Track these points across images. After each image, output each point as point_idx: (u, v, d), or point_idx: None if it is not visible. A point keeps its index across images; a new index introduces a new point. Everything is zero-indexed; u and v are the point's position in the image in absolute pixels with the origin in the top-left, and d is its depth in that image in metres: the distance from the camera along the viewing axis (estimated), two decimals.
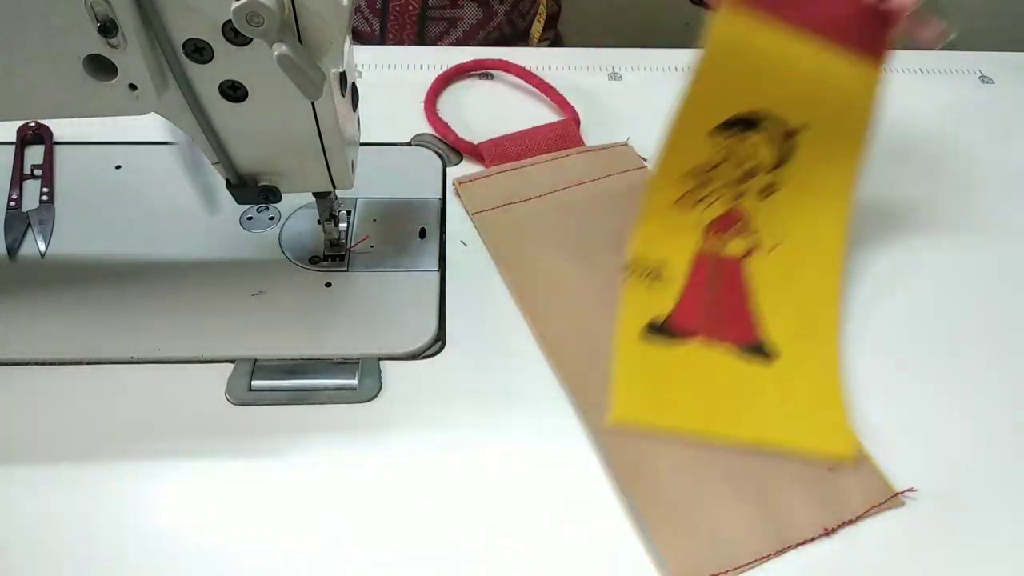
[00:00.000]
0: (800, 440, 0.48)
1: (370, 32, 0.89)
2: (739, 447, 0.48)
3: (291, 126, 0.47)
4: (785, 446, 0.48)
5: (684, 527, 0.44)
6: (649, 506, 0.45)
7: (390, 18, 0.87)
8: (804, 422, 0.49)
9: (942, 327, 0.56)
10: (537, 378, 0.52)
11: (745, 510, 0.45)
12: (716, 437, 0.48)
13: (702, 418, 0.49)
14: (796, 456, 0.47)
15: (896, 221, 0.64)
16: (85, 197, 0.61)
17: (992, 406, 0.52)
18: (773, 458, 0.47)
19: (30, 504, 0.45)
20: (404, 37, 0.89)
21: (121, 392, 0.50)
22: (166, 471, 0.46)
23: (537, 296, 0.55)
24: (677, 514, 0.45)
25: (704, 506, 0.45)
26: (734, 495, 0.46)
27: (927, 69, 0.79)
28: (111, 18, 0.39)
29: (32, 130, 0.65)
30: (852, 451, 0.47)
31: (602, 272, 0.56)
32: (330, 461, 0.47)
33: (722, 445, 0.48)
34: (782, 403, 0.50)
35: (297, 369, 0.51)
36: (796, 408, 0.50)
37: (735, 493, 0.46)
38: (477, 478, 0.47)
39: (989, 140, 0.70)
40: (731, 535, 0.44)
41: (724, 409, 0.50)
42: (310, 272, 0.57)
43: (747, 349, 0.53)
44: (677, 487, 0.46)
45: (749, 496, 0.45)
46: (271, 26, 0.38)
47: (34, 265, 0.56)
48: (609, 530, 0.45)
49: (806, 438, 0.48)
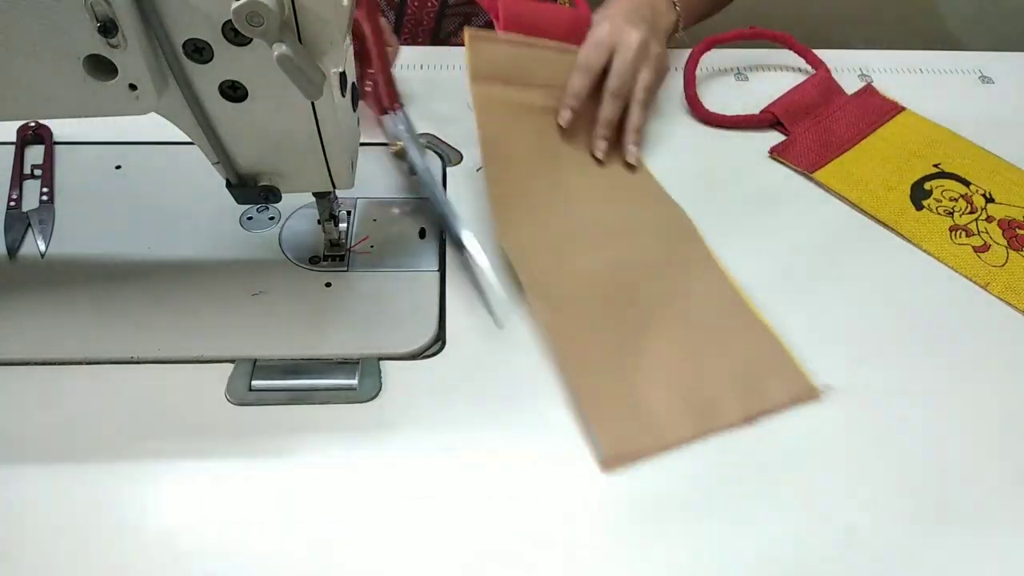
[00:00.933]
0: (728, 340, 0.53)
1: None
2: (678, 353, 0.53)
3: (291, 126, 0.47)
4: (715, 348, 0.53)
5: (619, 412, 0.49)
6: (589, 395, 0.49)
7: (407, 12, 0.87)
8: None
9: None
10: (537, 378, 0.52)
11: (674, 400, 0.50)
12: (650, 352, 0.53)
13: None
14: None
15: None
16: (85, 197, 0.61)
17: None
18: (704, 357, 0.52)
19: (30, 504, 0.45)
20: (419, 32, 0.88)
21: (121, 392, 0.50)
22: (166, 471, 0.46)
23: (509, 194, 0.59)
24: (613, 402, 0.49)
25: (638, 395, 0.50)
26: (666, 387, 0.50)
27: (927, 69, 0.79)
28: (111, 18, 0.39)
29: (32, 130, 0.65)
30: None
31: (571, 185, 0.63)
32: (330, 461, 0.47)
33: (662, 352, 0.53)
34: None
35: (297, 369, 0.51)
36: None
37: (667, 385, 0.51)
38: (477, 478, 0.47)
39: (989, 140, 0.70)
40: (660, 421, 0.49)
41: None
42: (310, 272, 0.57)
43: None
44: (615, 379, 0.51)
45: (679, 388, 0.50)
46: (271, 26, 0.38)
47: (34, 265, 0.56)
48: (610, 530, 0.45)
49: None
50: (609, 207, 0.63)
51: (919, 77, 0.79)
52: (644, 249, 0.59)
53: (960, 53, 0.82)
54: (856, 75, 0.78)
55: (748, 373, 0.51)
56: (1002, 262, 0.59)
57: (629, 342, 0.53)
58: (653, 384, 0.51)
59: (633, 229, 0.61)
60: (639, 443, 0.48)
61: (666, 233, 0.61)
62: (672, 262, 0.58)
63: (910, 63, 0.80)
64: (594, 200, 0.63)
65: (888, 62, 0.80)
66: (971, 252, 0.60)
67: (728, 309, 0.55)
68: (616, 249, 0.59)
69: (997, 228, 0.62)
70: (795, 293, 0.57)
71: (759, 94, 0.73)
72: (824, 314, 0.56)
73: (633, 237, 0.60)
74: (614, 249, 0.59)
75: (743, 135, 0.71)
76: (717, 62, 0.78)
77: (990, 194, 0.64)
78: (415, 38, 0.89)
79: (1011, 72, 0.79)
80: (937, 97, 0.75)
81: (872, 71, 0.78)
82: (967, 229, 0.62)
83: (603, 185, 0.64)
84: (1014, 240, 0.60)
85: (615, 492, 0.47)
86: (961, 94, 0.77)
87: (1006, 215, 0.63)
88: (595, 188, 0.64)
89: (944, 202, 0.63)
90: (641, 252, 0.59)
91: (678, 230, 0.61)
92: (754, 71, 0.78)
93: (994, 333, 0.56)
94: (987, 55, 0.82)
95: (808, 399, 0.51)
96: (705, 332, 0.54)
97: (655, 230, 0.61)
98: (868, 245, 0.61)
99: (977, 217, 0.62)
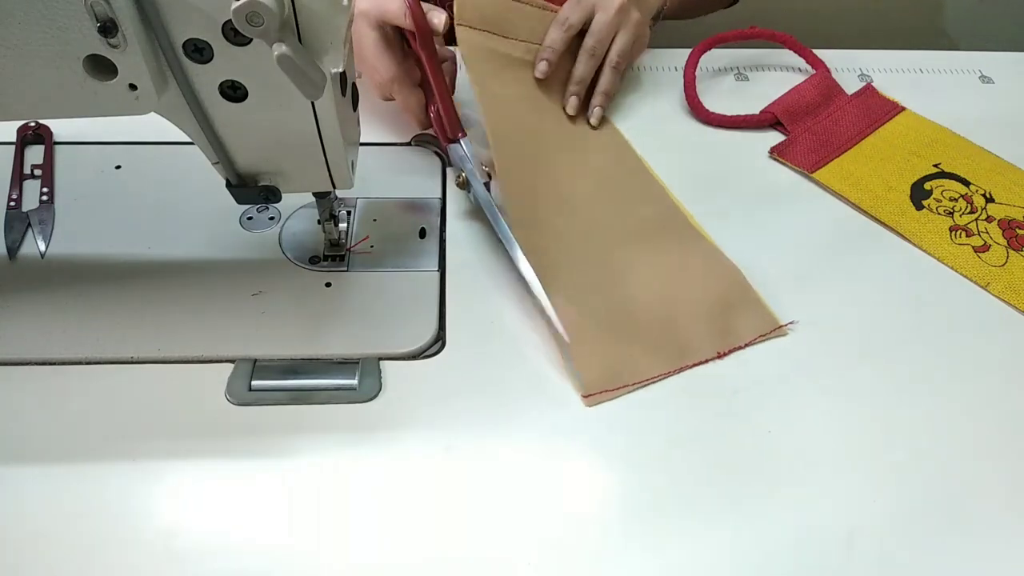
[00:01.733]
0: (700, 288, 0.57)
1: None
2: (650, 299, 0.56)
3: (291, 126, 0.47)
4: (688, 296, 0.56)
5: (599, 348, 0.52)
6: (573, 333, 0.52)
7: None
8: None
9: None
10: (537, 378, 0.52)
11: (651, 338, 0.54)
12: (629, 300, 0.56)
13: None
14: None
15: None
16: (85, 197, 0.61)
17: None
18: (678, 301, 0.56)
19: (30, 504, 0.45)
20: None
21: (121, 392, 0.50)
22: (166, 471, 0.46)
23: (504, 133, 0.61)
24: (595, 338, 0.53)
25: (617, 334, 0.53)
26: (643, 328, 0.54)
27: (927, 69, 0.79)
28: (111, 18, 0.39)
29: (32, 130, 0.65)
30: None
31: (548, 132, 0.67)
32: (330, 461, 0.47)
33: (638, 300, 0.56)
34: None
35: (297, 369, 0.51)
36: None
37: (644, 326, 0.54)
38: (477, 478, 0.47)
39: (989, 140, 0.70)
40: (637, 356, 0.52)
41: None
42: (310, 272, 0.57)
43: None
44: (596, 321, 0.54)
45: (654, 328, 0.54)
46: (271, 26, 0.38)
47: (34, 265, 0.56)
48: (610, 529, 0.45)
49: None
50: (578, 155, 0.67)
51: (919, 77, 0.79)
52: (608, 190, 0.64)
53: (960, 53, 0.82)
54: (856, 75, 0.78)
55: (718, 312, 0.55)
56: (1002, 262, 0.59)
57: (606, 280, 0.57)
58: (630, 322, 0.54)
59: (598, 176, 0.65)
60: (619, 379, 0.51)
61: (624, 174, 0.66)
62: (628, 198, 0.63)
63: (910, 63, 0.80)
64: (569, 148, 0.67)
65: (888, 62, 0.80)
66: (971, 252, 0.60)
67: (684, 237, 0.60)
68: (586, 188, 0.64)
69: (997, 228, 0.61)
70: (796, 293, 0.57)
71: (759, 94, 0.73)
72: (825, 313, 0.56)
73: (599, 182, 0.65)
74: (586, 188, 0.64)
75: (743, 135, 0.71)
76: (717, 62, 0.78)
77: (990, 194, 0.64)
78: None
79: (1011, 72, 0.79)
80: (937, 97, 0.75)
81: (872, 71, 0.78)
82: (967, 229, 0.61)
83: (575, 134, 0.68)
84: (1014, 240, 0.60)
85: (615, 492, 0.47)
86: (961, 94, 0.77)
87: (1006, 215, 0.63)
88: (570, 137, 0.68)
89: (944, 202, 0.63)
90: (606, 192, 0.64)
91: (629, 167, 0.66)
92: (754, 71, 0.78)
93: (995, 333, 0.56)
94: (987, 55, 0.82)
95: (775, 335, 0.54)
96: (673, 269, 0.58)
97: (617, 175, 0.66)
98: (869, 244, 0.61)
99: (977, 217, 0.62)
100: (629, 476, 0.47)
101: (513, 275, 0.56)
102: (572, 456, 0.48)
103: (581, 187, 0.64)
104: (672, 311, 0.55)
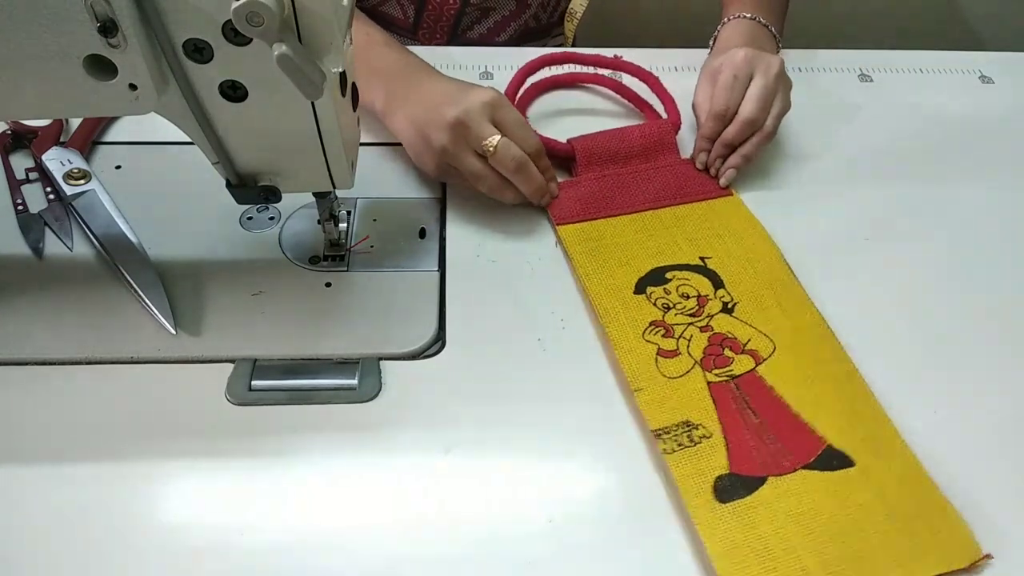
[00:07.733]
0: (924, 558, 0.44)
1: (403, 19, 0.88)
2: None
3: (291, 126, 0.47)
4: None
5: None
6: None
7: (428, 8, 0.86)
8: (917, 532, 0.45)
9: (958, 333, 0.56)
10: (537, 378, 0.52)
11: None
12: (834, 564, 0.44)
13: (815, 549, 0.44)
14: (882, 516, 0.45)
15: (895, 220, 0.64)
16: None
17: None
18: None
19: (30, 504, 0.45)
20: (438, 29, 0.88)
21: (121, 392, 0.50)
22: (166, 471, 0.46)
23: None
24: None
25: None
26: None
27: (927, 69, 0.79)
28: (111, 18, 0.39)
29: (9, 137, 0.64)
30: (974, 555, 0.44)
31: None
32: (330, 461, 0.47)
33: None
34: (884, 507, 0.46)
35: (297, 369, 0.51)
36: (902, 511, 0.46)
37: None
38: (477, 478, 0.47)
39: (989, 140, 0.70)
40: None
41: (832, 532, 0.45)
42: (310, 272, 0.57)
43: (821, 461, 0.48)
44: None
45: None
46: (271, 26, 0.38)
47: (33, 265, 0.56)
48: (611, 529, 0.45)
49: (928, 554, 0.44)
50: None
51: (919, 77, 0.79)
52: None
53: (960, 53, 0.82)
54: (856, 75, 0.78)
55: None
56: (678, 374, 0.51)
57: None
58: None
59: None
60: None
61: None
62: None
63: (910, 63, 0.80)
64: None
65: (888, 62, 0.80)
66: (652, 352, 0.52)
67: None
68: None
69: (705, 340, 0.53)
70: None
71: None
72: None
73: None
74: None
75: None
76: None
77: (735, 306, 0.55)
78: (433, 35, 0.88)
79: (1011, 72, 0.79)
80: (937, 97, 0.75)
81: (872, 71, 0.78)
82: (670, 328, 0.54)
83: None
84: (711, 359, 0.52)
85: (615, 492, 0.47)
86: (961, 94, 0.77)
87: (729, 331, 0.54)
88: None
89: (671, 295, 0.56)
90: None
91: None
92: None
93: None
94: (987, 55, 0.82)
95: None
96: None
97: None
98: None
99: (693, 323, 0.54)
100: (629, 476, 0.47)
101: (513, 275, 0.56)
102: (571, 456, 0.48)
103: None
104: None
